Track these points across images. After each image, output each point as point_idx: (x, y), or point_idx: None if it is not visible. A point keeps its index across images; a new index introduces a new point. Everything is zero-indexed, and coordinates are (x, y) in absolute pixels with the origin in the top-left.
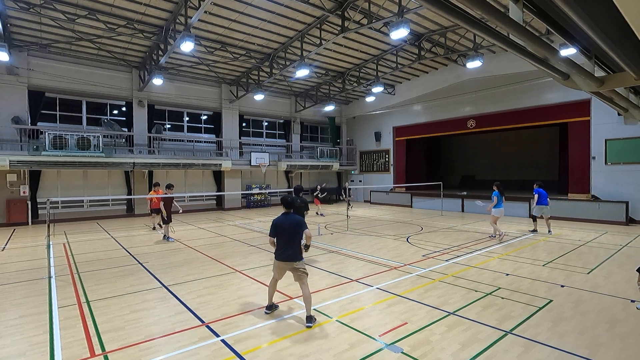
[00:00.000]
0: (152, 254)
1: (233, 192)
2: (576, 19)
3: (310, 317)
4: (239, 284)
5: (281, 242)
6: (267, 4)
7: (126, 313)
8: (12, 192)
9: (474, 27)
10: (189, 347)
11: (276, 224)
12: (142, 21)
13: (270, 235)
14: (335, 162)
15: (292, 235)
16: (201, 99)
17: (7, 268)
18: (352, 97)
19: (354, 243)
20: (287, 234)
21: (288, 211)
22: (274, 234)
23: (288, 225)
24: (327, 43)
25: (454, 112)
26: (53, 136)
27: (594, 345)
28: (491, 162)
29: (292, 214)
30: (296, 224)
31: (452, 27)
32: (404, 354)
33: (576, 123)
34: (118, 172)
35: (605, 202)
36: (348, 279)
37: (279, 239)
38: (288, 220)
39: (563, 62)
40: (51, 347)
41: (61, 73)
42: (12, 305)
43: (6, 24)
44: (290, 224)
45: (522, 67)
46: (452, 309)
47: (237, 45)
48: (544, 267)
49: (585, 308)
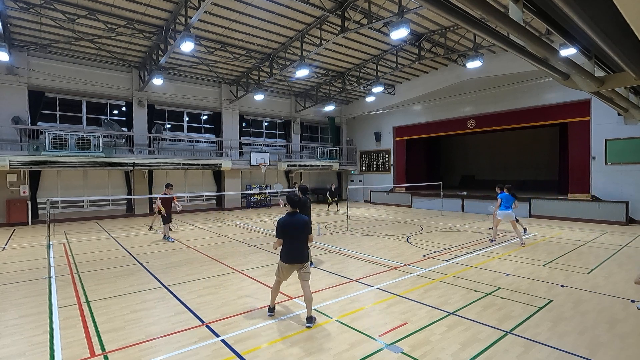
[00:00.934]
0: (152, 254)
1: (233, 192)
2: (576, 19)
3: (311, 318)
4: (239, 284)
5: (288, 243)
6: (267, 4)
7: (126, 313)
8: (12, 192)
9: (474, 27)
10: (189, 347)
11: (282, 225)
12: (142, 21)
13: (277, 237)
14: (335, 162)
15: (298, 236)
16: (201, 99)
17: (7, 268)
18: (352, 97)
19: (354, 243)
20: (294, 235)
21: (294, 211)
22: (281, 235)
23: (295, 226)
24: (327, 43)
25: (454, 112)
26: (53, 136)
27: (594, 345)
28: (491, 162)
29: (298, 214)
30: (303, 225)
31: (452, 27)
32: (404, 354)
33: (576, 123)
34: (118, 172)
35: (605, 202)
36: (348, 279)
37: (285, 240)
38: (294, 220)
39: (563, 62)
40: (51, 347)
41: (61, 73)
42: (12, 305)
43: (6, 24)
44: (296, 224)
45: (522, 67)
46: (452, 309)
47: (237, 45)
48: (544, 267)
49: (585, 308)
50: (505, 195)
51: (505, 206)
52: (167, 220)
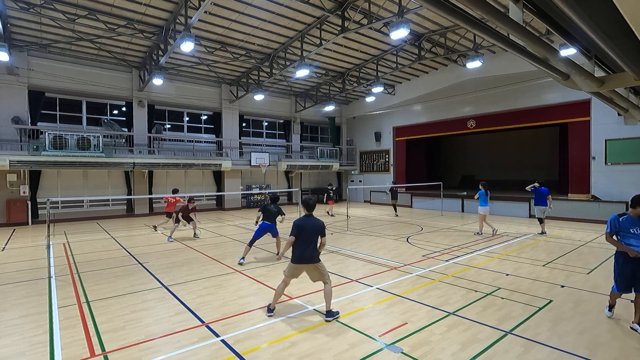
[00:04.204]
0: (152, 254)
1: (233, 192)
2: (576, 19)
3: (330, 312)
4: (239, 284)
5: (301, 243)
6: (267, 4)
7: (126, 313)
8: (12, 192)
9: (474, 27)
10: (189, 347)
11: (298, 226)
12: (142, 21)
13: (292, 235)
14: (335, 162)
15: (312, 238)
16: (201, 99)
17: (7, 268)
18: (352, 97)
19: (354, 243)
20: (308, 236)
21: (310, 213)
22: (296, 234)
23: (310, 227)
24: (327, 43)
25: (454, 112)
26: (53, 136)
27: (594, 345)
28: (491, 162)
29: (314, 217)
30: (319, 228)
31: (452, 27)
32: (404, 354)
33: (576, 123)
34: (118, 172)
35: (605, 202)
36: (348, 279)
37: (298, 240)
38: (311, 223)
39: (563, 62)
40: (51, 347)
41: (61, 73)
42: (12, 305)
43: (6, 24)
44: (312, 226)
45: (522, 67)
46: (452, 309)
47: (237, 46)
48: (544, 267)
49: (585, 308)
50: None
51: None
52: (178, 221)
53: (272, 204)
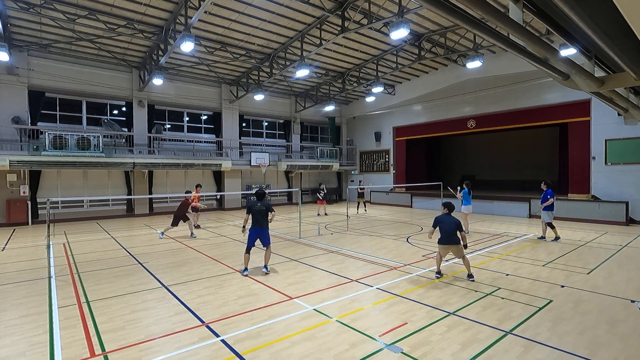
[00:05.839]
0: (152, 254)
1: (233, 192)
2: (576, 19)
3: (471, 275)
4: (239, 284)
5: (443, 232)
6: (267, 4)
7: (126, 313)
8: (12, 192)
9: (474, 27)
10: (189, 347)
11: (439, 220)
12: (142, 21)
13: (433, 227)
14: (335, 162)
15: (452, 230)
16: (201, 99)
17: (7, 268)
18: (352, 97)
19: (354, 243)
20: (448, 229)
21: (449, 212)
22: (436, 225)
23: (449, 223)
24: (327, 43)
25: (454, 112)
26: (53, 136)
27: (594, 345)
28: (491, 162)
29: (452, 216)
30: (456, 225)
31: (452, 27)
32: (404, 354)
33: (576, 123)
34: (118, 172)
35: (605, 202)
36: (348, 279)
37: (441, 230)
38: (449, 220)
39: (563, 62)
40: (51, 347)
41: (61, 73)
42: (12, 305)
43: (6, 24)
44: (451, 222)
45: (522, 67)
46: (452, 309)
47: (237, 46)
48: (544, 267)
49: (585, 308)
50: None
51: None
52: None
53: (259, 202)
